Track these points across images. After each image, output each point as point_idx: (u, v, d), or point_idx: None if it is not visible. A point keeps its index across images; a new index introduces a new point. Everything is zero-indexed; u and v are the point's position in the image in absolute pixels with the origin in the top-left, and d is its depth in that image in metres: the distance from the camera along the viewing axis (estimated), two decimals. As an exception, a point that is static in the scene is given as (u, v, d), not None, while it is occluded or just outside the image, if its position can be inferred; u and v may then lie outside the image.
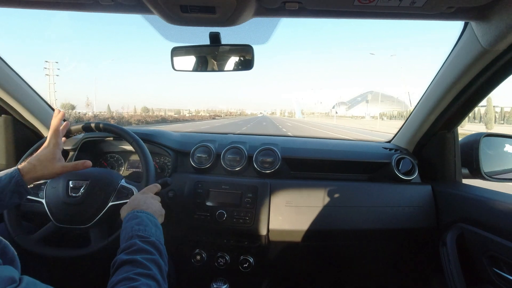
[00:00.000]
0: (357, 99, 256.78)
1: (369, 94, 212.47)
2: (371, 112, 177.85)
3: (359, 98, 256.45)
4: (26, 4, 0.81)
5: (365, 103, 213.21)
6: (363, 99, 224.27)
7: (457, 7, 0.75)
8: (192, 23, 0.84)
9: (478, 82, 0.95)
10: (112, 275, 0.56)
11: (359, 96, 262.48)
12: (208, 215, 1.14)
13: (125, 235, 0.66)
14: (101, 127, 1.05)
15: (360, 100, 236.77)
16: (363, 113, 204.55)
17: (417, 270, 1.29)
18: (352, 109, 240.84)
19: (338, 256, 1.32)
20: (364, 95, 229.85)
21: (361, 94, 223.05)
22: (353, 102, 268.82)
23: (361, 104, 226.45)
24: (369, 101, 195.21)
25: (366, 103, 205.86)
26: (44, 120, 1.35)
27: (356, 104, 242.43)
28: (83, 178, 0.98)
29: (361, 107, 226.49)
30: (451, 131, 1.20)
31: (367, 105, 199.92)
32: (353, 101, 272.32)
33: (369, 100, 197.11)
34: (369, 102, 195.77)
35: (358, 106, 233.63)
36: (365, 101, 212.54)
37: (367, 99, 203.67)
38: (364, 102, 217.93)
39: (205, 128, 22.57)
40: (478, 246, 0.95)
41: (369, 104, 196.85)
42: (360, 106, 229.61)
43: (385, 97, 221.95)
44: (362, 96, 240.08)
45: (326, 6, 0.77)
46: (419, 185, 1.23)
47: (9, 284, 0.38)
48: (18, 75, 1.22)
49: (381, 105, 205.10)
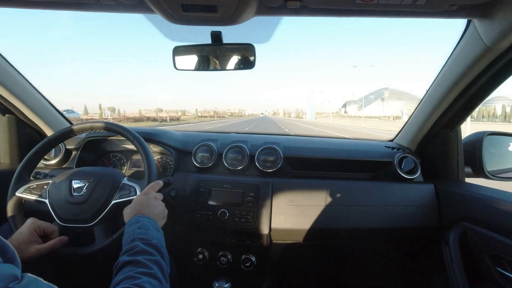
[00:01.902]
0: (370, 97, 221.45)
1: (385, 91, 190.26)
2: (387, 111, 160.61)
3: (372, 96, 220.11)
4: (28, 4, 0.81)
5: (380, 101, 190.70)
6: (378, 96, 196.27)
7: (460, 5, 0.74)
8: (193, 22, 0.85)
9: (481, 80, 0.95)
10: (115, 275, 0.58)
11: (372, 94, 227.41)
12: (210, 214, 1.15)
13: (127, 238, 0.69)
14: (103, 126, 1.06)
15: (374, 98, 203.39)
16: (378, 112, 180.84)
17: (420, 269, 1.28)
18: (366, 108, 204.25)
19: (340, 255, 1.32)
20: (378, 92, 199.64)
21: (373, 91, 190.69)
22: (366, 100, 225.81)
23: (375, 102, 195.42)
24: (385, 99, 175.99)
25: (382, 101, 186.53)
26: (47, 120, 1.35)
27: (370, 103, 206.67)
28: (86, 177, 0.98)
29: (376, 105, 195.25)
30: (454, 129, 1.20)
31: (382, 103, 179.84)
32: (365, 99, 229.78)
33: (386, 97, 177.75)
34: (385, 100, 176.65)
35: (372, 104, 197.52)
36: (380, 99, 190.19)
37: (383, 96, 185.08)
38: (379, 100, 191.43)
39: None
40: (481, 245, 0.94)
41: (385, 102, 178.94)
42: (375, 105, 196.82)
43: (403, 94, 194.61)
44: (376, 93, 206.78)
45: (328, 5, 0.77)
46: (422, 184, 1.23)
47: (11, 281, 0.38)
48: (21, 74, 1.23)
49: (399, 103, 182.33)
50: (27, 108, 1.27)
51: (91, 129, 1.08)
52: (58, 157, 1.31)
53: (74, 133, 1.08)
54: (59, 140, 1.08)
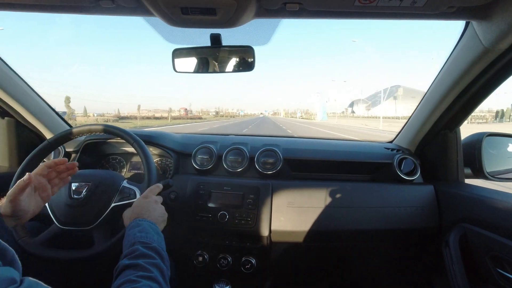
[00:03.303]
0: (379, 95, 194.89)
1: (399, 88, 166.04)
2: (401, 111, 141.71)
3: (381, 94, 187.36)
4: (29, 8, 0.81)
5: (392, 99, 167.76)
6: (389, 95, 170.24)
7: (458, 7, 0.74)
8: (193, 24, 0.85)
9: (480, 81, 0.95)
10: (115, 279, 0.58)
11: (381, 92, 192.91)
12: (210, 216, 1.14)
13: (127, 242, 0.69)
14: (102, 129, 1.06)
15: (385, 97, 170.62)
16: (391, 112, 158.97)
17: (420, 271, 1.28)
18: (375, 108, 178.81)
19: (340, 257, 1.32)
20: (390, 90, 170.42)
21: (383, 90, 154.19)
22: (375, 99, 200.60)
23: (387, 101, 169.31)
24: (397, 97, 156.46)
25: (394, 100, 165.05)
26: (47, 123, 1.35)
27: (380, 102, 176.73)
28: (85, 180, 0.98)
29: (388, 104, 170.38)
30: (453, 130, 1.20)
31: (395, 102, 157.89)
32: (373, 98, 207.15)
33: (400, 95, 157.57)
34: (398, 98, 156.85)
35: (383, 104, 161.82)
36: (392, 97, 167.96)
37: (396, 94, 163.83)
38: (391, 98, 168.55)
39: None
40: (481, 247, 0.94)
41: (398, 101, 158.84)
42: (386, 104, 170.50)
43: (416, 92, 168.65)
44: (388, 91, 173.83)
45: (327, 7, 0.77)
46: (421, 185, 1.23)
47: (9, 285, 0.38)
48: (21, 77, 1.23)
49: (412, 102, 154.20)
50: (27, 111, 1.27)
51: (90, 131, 1.08)
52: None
53: (74, 136, 1.08)
54: (59, 142, 1.08)
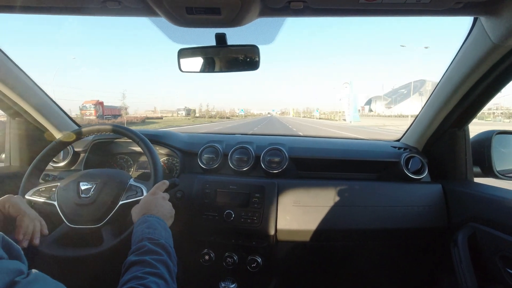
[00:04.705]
0: (400, 91, 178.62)
1: (426, 83, 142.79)
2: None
3: (403, 90, 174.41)
4: (35, 10, 0.83)
5: (417, 95, 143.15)
6: (414, 90, 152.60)
7: (466, 2, 0.73)
8: (198, 24, 0.85)
9: (489, 78, 0.93)
10: (123, 275, 0.59)
11: (403, 88, 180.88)
12: (216, 215, 1.15)
13: (135, 238, 0.70)
14: (110, 128, 1.08)
15: (407, 93, 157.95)
16: (416, 110, 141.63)
17: (428, 270, 1.27)
18: (398, 105, 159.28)
19: (346, 256, 1.31)
20: (414, 86, 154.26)
21: (404, 85, 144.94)
22: (395, 95, 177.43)
23: (410, 98, 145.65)
24: (423, 93, 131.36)
25: (420, 96, 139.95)
26: (56, 123, 1.38)
27: (403, 99, 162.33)
28: (93, 179, 1.00)
29: (412, 102, 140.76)
30: (462, 128, 1.18)
31: (421, 98, 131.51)
32: (393, 95, 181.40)
33: (428, 90, 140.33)
34: (424, 94, 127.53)
35: (406, 101, 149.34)
36: (417, 93, 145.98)
37: (421, 90, 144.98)
38: (416, 94, 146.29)
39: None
40: (490, 246, 0.93)
41: (424, 98, 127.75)
42: (410, 101, 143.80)
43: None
44: (408, 87, 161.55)
45: (331, 5, 0.77)
46: (429, 184, 1.21)
47: (17, 275, 0.39)
48: (30, 78, 1.25)
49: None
50: (36, 112, 1.29)
51: (99, 131, 1.10)
52: (66, 159, 1.33)
53: (83, 135, 1.10)
54: (67, 142, 1.10)
